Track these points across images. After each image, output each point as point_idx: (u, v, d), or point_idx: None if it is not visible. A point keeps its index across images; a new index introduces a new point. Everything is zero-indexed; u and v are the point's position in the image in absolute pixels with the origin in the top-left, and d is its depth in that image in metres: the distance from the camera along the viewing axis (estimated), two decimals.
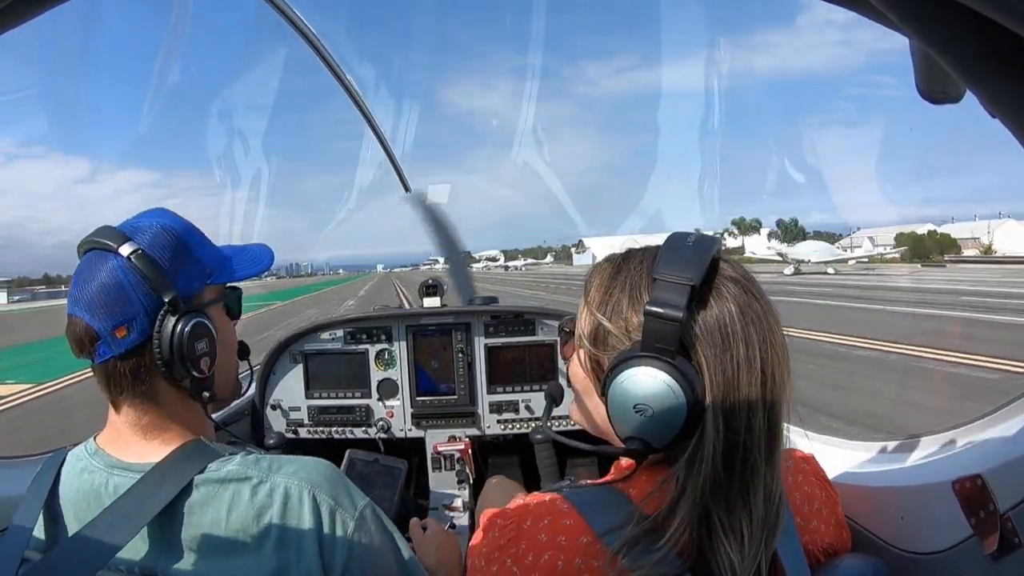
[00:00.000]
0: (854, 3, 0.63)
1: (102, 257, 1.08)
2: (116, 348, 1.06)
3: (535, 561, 0.95)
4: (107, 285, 1.06)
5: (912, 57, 0.75)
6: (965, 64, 0.59)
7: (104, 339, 1.05)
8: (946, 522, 1.09)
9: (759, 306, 0.92)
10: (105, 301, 1.05)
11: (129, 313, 1.06)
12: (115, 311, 1.05)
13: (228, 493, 1.03)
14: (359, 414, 2.66)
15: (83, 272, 1.08)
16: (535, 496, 1.05)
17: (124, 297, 1.06)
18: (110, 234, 1.09)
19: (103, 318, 1.05)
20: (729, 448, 0.88)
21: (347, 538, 1.05)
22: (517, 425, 2.63)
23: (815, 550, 1.05)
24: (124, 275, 1.07)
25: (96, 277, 1.06)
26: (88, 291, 1.06)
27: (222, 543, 1.01)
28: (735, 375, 0.89)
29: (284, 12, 2.57)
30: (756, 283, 0.95)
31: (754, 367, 0.89)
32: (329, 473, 1.11)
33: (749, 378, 0.89)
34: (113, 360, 1.06)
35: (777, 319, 0.94)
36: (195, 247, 1.18)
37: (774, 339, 0.91)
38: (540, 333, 2.63)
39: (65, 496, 1.09)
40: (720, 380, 0.89)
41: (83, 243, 1.11)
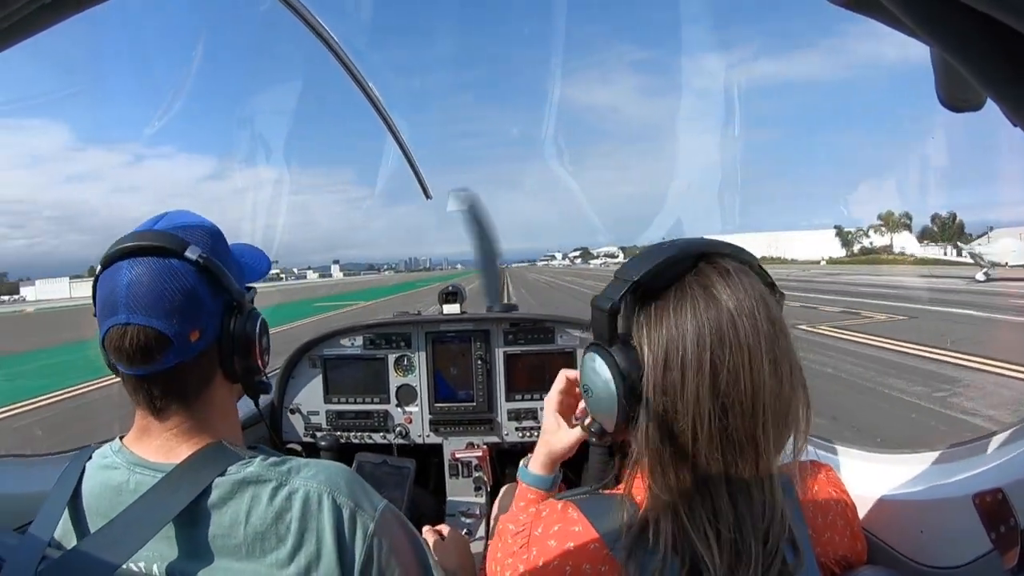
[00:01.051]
0: (875, 11, 0.63)
1: (161, 261, 1.05)
2: (189, 352, 1.05)
3: (545, 568, 0.97)
4: (177, 288, 1.04)
5: (932, 65, 0.75)
6: (985, 72, 0.59)
7: (176, 345, 1.03)
8: (966, 536, 1.08)
9: (725, 309, 0.91)
10: (177, 306, 1.04)
11: (202, 316, 1.07)
12: (189, 315, 1.05)
13: (247, 496, 1.03)
14: (377, 419, 2.68)
15: (139, 277, 1.04)
16: (547, 503, 1.07)
17: (196, 299, 1.06)
18: (167, 238, 1.07)
19: (176, 323, 1.03)
20: (673, 439, 0.92)
21: (367, 541, 1.05)
22: (536, 433, 2.61)
23: (828, 561, 1.04)
24: (193, 277, 1.06)
25: (160, 281, 1.04)
26: (151, 296, 1.03)
27: (241, 545, 1.01)
28: (680, 373, 0.91)
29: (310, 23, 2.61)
30: (737, 287, 0.93)
31: (703, 369, 0.90)
32: (348, 477, 1.11)
33: (697, 379, 0.90)
34: (181, 366, 1.06)
35: (759, 327, 0.91)
36: (229, 250, 1.20)
37: (735, 344, 0.90)
38: (560, 341, 2.63)
39: (88, 493, 1.09)
40: (660, 374, 0.92)
41: (123, 249, 1.06)
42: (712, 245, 0.99)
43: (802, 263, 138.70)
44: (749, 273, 0.96)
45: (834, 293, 29.51)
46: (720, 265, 0.95)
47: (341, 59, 2.77)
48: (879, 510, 1.28)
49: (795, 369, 0.93)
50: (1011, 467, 1.06)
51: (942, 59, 0.72)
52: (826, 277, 50.74)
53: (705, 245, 0.98)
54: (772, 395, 0.90)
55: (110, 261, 1.06)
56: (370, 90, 2.91)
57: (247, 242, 1.33)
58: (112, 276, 1.05)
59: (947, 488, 1.16)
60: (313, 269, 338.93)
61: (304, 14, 2.51)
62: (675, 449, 0.92)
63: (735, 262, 0.97)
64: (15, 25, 0.67)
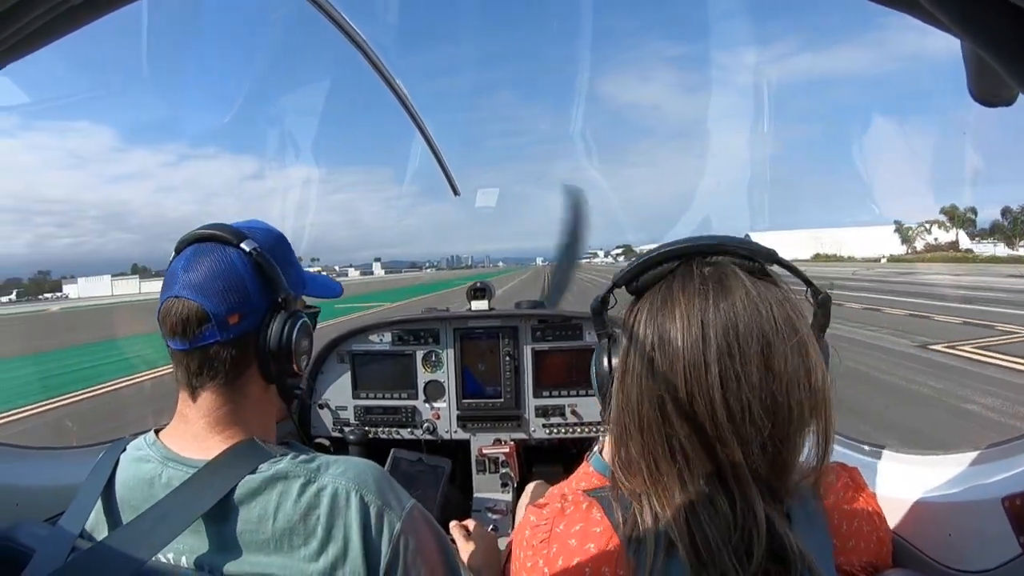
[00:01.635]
0: (908, 5, 0.63)
1: (220, 248, 1.14)
2: (225, 333, 1.11)
3: (564, 565, 0.97)
4: (226, 272, 1.12)
5: (964, 59, 0.74)
6: (1018, 67, 0.58)
7: (214, 322, 1.09)
8: (995, 540, 1.06)
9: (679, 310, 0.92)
10: (223, 287, 1.11)
11: (244, 302, 1.13)
12: (231, 298, 1.11)
13: (276, 492, 1.05)
14: (405, 415, 2.70)
15: (196, 259, 1.13)
16: (574, 500, 1.06)
17: (242, 287, 1.13)
18: (227, 229, 1.16)
19: (218, 302, 1.10)
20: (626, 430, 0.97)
21: (393, 539, 1.06)
22: (564, 430, 2.62)
23: (853, 569, 1.03)
24: (244, 267, 1.14)
25: (214, 264, 1.12)
26: (203, 276, 1.11)
27: (269, 541, 1.03)
28: (633, 366, 0.95)
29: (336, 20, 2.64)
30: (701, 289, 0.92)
31: (644, 363, 0.93)
32: (377, 475, 1.12)
33: (643, 371, 0.93)
34: (217, 345, 1.11)
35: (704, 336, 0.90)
36: (292, 259, 1.27)
37: (673, 346, 0.91)
38: (588, 338, 2.63)
39: (121, 485, 1.12)
40: (620, 368, 0.98)
41: (192, 236, 1.16)
42: (707, 244, 0.98)
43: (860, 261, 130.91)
44: (738, 278, 0.94)
45: (931, 298, 25.24)
46: (699, 268, 0.95)
47: (370, 58, 2.80)
48: (907, 512, 1.26)
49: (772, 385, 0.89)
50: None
51: (974, 53, 0.72)
52: (899, 277, 46.52)
53: (697, 244, 0.98)
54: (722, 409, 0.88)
55: (183, 246, 1.16)
56: (398, 88, 2.93)
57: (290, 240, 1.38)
58: (180, 257, 1.14)
59: (978, 490, 1.14)
60: (355, 267, 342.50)
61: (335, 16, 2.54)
62: (626, 448, 0.97)
63: (736, 263, 0.96)
64: (46, 26, 0.69)
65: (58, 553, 1.03)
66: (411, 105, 3.06)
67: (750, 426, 0.88)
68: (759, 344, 0.89)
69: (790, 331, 0.90)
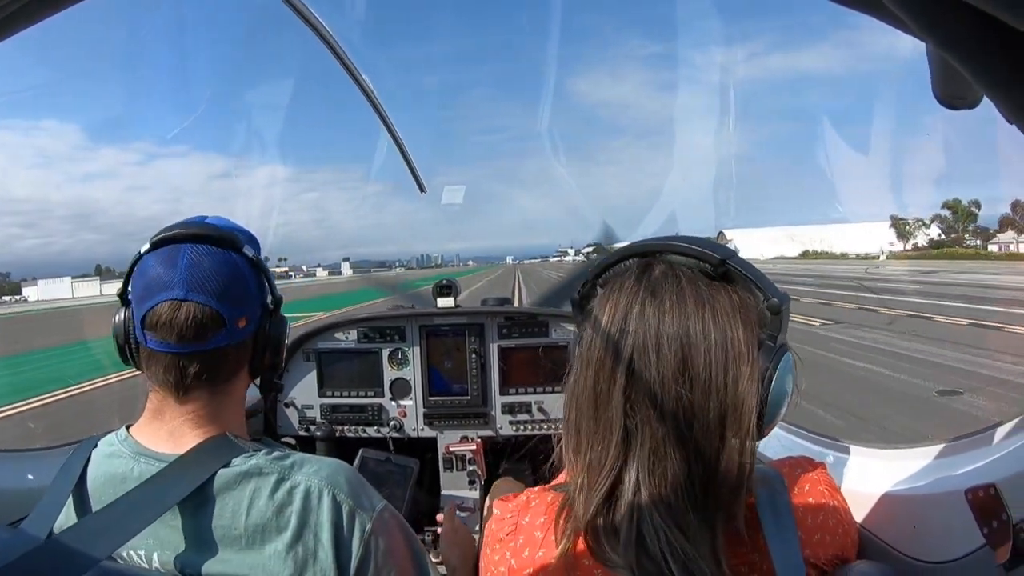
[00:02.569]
0: (871, 7, 0.63)
1: (223, 252, 1.14)
2: (234, 337, 1.12)
3: (531, 556, 1.00)
4: (235, 277, 1.13)
5: (929, 62, 0.75)
6: (981, 70, 0.59)
7: (228, 327, 1.10)
8: (959, 531, 1.08)
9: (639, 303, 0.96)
10: (233, 292, 1.12)
11: (250, 306, 1.15)
12: (240, 302, 1.13)
13: (249, 488, 1.05)
14: (371, 413, 2.68)
15: (200, 260, 1.10)
16: (539, 492, 1.09)
17: (250, 292, 1.16)
18: (227, 233, 1.16)
19: (231, 307, 1.11)
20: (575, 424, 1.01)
21: (364, 539, 1.07)
22: (530, 427, 2.63)
23: (819, 562, 1.05)
24: (247, 271, 1.16)
25: (221, 268, 1.12)
26: (212, 280, 1.10)
27: (240, 537, 1.03)
28: (579, 356, 1.01)
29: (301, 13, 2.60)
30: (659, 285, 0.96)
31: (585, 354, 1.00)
32: (349, 475, 1.13)
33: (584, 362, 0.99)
34: (224, 348, 1.12)
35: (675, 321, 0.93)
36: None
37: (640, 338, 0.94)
38: (554, 335, 2.63)
39: (93, 481, 1.11)
40: (580, 360, 1.01)
41: (183, 235, 1.13)
42: (662, 246, 1.01)
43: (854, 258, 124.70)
44: (672, 279, 0.97)
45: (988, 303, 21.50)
46: (649, 268, 1.00)
47: (337, 54, 2.76)
48: (872, 505, 1.29)
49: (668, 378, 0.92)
50: (1004, 462, 1.07)
51: (938, 56, 0.72)
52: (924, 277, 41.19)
53: (650, 246, 1.02)
54: (620, 395, 0.94)
55: (167, 243, 1.13)
56: (364, 83, 2.89)
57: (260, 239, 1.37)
58: (169, 256, 1.10)
59: (942, 483, 1.17)
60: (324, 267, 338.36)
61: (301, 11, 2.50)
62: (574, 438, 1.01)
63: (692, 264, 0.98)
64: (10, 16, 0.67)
65: (31, 545, 1.00)
66: (377, 101, 3.03)
67: (659, 423, 0.92)
68: (678, 345, 0.92)
69: (719, 336, 0.92)
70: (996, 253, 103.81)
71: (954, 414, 8.12)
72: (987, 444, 1.17)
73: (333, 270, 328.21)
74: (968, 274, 44.81)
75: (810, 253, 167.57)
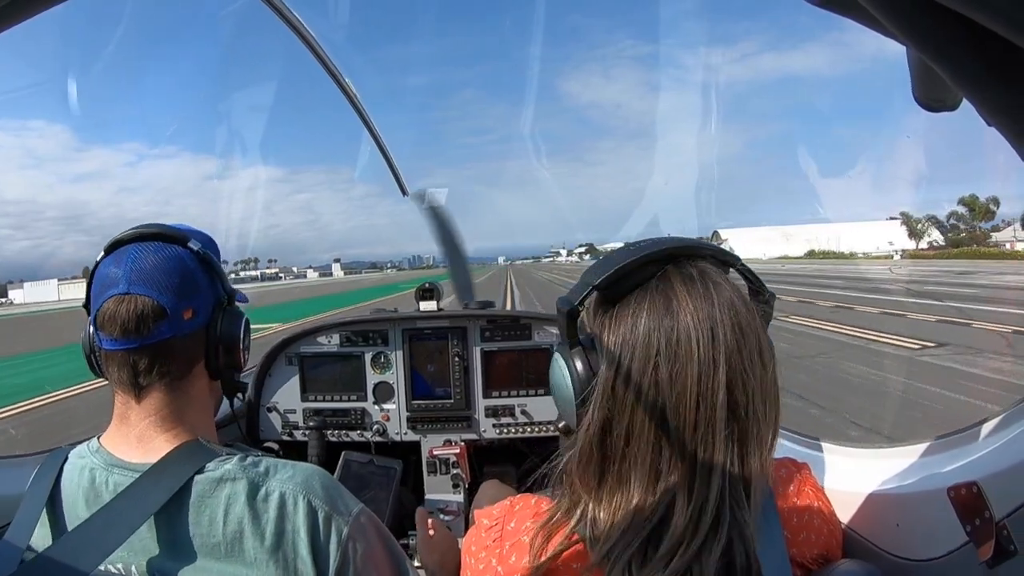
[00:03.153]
0: (851, 10, 0.63)
1: (168, 246, 1.14)
2: (180, 328, 1.10)
3: (517, 562, 0.98)
4: (178, 268, 1.12)
5: (909, 65, 0.76)
6: (960, 72, 0.59)
7: (171, 318, 1.09)
8: (942, 529, 1.09)
9: (681, 317, 0.90)
10: (178, 283, 1.11)
11: (197, 298, 1.14)
12: (185, 293, 1.11)
13: (224, 495, 1.04)
14: (354, 417, 2.66)
15: (143, 257, 1.11)
16: (522, 498, 1.08)
17: (195, 283, 1.14)
18: (171, 229, 1.16)
19: (173, 297, 1.09)
20: (605, 444, 0.93)
21: (342, 544, 1.06)
22: (514, 430, 2.63)
23: (805, 560, 1.05)
24: (194, 264, 1.14)
25: (163, 261, 1.11)
26: (154, 272, 1.09)
27: (217, 545, 1.02)
28: (625, 376, 0.91)
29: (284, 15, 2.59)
30: (693, 292, 0.92)
31: (646, 373, 0.90)
32: (324, 480, 1.12)
33: (640, 382, 0.90)
34: (171, 340, 1.10)
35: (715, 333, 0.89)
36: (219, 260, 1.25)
37: (686, 349, 0.89)
38: (537, 338, 2.63)
39: (66, 493, 1.09)
40: (610, 376, 0.92)
41: (130, 236, 1.14)
42: (687, 246, 0.97)
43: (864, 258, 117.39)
44: (721, 277, 0.94)
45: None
46: (687, 270, 0.94)
47: (319, 56, 2.75)
48: (856, 504, 1.29)
49: (764, 380, 0.91)
50: (986, 460, 1.07)
51: (918, 59, 0.73)
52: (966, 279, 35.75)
53: (678, 246, 0.97)
54: (724, 410, 0.88)
55: (115, 247, 1.14)
56: (347, 86, 2.89)
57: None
58: (116, 257, 1.12)
59: (925, 481, 1.18)
60: (314, 268, 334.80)
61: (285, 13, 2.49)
62: (604, 455, 0.93)
63: (711, 264, 0.96)
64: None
65: (9, 563, 1.00)
66: (359, 103, 3.02)
67: (721, 440, 0.88)
68: (755, 340, 0.91)
69: (755, 335, 0.92)
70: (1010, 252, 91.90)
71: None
72: (970, 442, 1.18)
73: (324, 271, 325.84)
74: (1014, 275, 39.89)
75: (816, 252, 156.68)
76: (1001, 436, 1.10)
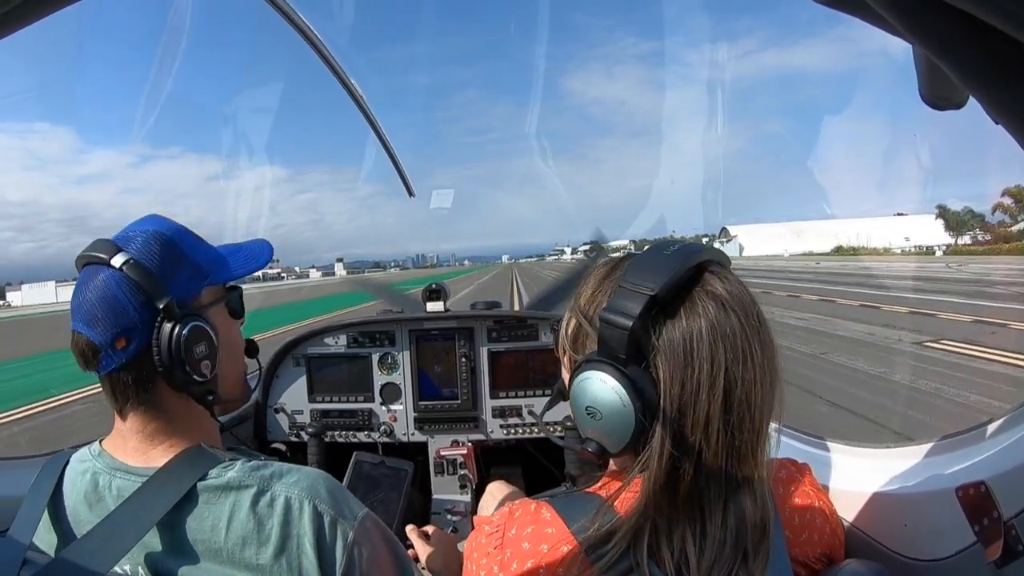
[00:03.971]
0: (858, 9, 0.63)
1: (95, 270, 1.09)
2: (117, 359, 1.07)
3: (519, 568, 0.97)
4: (102, 298, 1.07)
5: (915, 63, 0.76)
6: (966, 70, 0.59)
7: (105, 351, 1.06)
8: (950, 529, 1.09)
9: (737, 323, 0.89)
10: (102, 314, 1.07)
11: (127, 323, 1.07)
12: (112, 322, 1.06)
13: (229, 501, 1.04)
14: (362, 418, 2.67)
15: (80, 287, 1.10)
16: (522, 503, 1.06)
17: (120, 308, 1.07)
18: (102, 247, 1.10)
19: (102, 331, 1.06)
20: (674, 465, 0.89)
21: (347, 549, 1.06)
22: (521, 430, 2.63)
23: (808, 560, 1.05)
24: (117, 286, 1.07)
25: (91, 291, 1.08)
26: (85, 305, 1.07)
27: (222, 550, 1.02)
28: (694, 393, 0.88)
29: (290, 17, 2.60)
30: (742, 299, 0.92)
31: (716, 387, 0.87)
32: (329, 484, 1.11)
33: (709, 397, 0.87)
34: (116, 371, 1.08)
35: (764, 339, 0.91)
36: (188, 249, 1.18)
37: (749, 360, 0.88)
38: (543, 338, 2.64)
39: (68, 497, 1.10)
40: (676, 394, 0.88)
41: (79, 258, 1.12)
42: (706, 251, 0.97)
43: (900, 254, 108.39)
44: (738, 278, 0.96)
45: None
46: (720, 273, 0.94)
47: (325, 57, 2.76)
48: (863, 504, 1.29)
49: (779, 370, 0.93)
50: (994, 460, 1.07)
51: (925, 57, 0.73)
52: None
53: (701, 251, 0.96)
54: (768, 405, 0.91)
55: (79, 267, 1.12)
56: (353, 88, 2.90)
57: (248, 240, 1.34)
58: (76, 283, 1.12)
59: (932, 481, 1.17)
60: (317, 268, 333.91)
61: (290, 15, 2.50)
62: (676, 469, 0.89)
63: (725, 268, 0.97)
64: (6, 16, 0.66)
65: (11, 566, 1.00)
66: (366, 106, 3.03)
67: (766, 433, 0.91)
68: (766, 346, 0.91)
69: (768, 327, 0.94)
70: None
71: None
72: (977, 442, 1.17)
73: (327, 271, 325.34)
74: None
75: (844, 249, 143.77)
76: (1008, 436, 1.09)
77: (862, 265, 57.98)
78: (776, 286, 31.28)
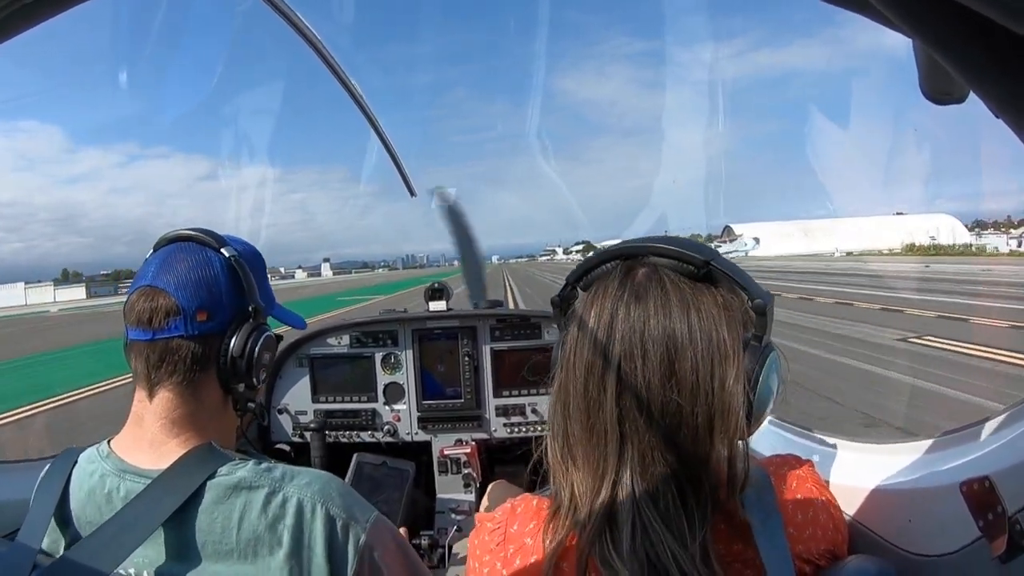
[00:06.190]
0: (857, 4, 0.63)
1: (198, 248, 1.16)
2: (191, 328, 1.10)
3: (523, 564, 0.98)
4: (203, 272, 1.13)
5: (915, 58, 0.75)
6: (967, 65, 0.59)
7: (183, 316, 1.09)
8: (954, 524, 1.08)
9: (637, 312, 0.94)
10: (196, 283, 1.11)
11: (216, 303, 1.13)
12: (203, 296, 1.12)
13: (240, 501, 1.04)
14: (365, 418, 2.68)
15: (175, 255, 1.14)
16: (524, 499, 1.08)
17: (216, 288, 1.14)
18: (210, 235, 1.18)
19: (188, 296, 1.10)
20: (564, 429, 1.00)
21: (359, 551, 1.06)
22: (524, 429, 2.64)
23: (812, 556, 1.05)
24: (221, 269, 1.15)
25: (190, 261, 1.13)
26: (180, 271, 1.11)
27: (232, 551, 1.02)
28: (576, 361, 0.98)
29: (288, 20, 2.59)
30: (652, 293, 0.95)
31: (595, 367, 0.95)
32: (340, 487, 1.12)
33: (574, 371, 0.98)
34: (180, 339, 1.10)
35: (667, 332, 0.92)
36: (265, 276, 1.27)
37: (642, 349, 0.92)
38: (547, 336, 2.64)
39: (76, 500, 1.10)
40: (565, 365, 1.00)
41: (173, 236, 1.18)
42: (641, 247, 1.01)
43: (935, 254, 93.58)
44: (657, 282, 0.96)
45: None
46: (633, 270, 0.99)
47: (324, 56, 2.75)
48: (867, 499, 1.29)
49: (702, 384, 0.92)
50: (999, 454, 1.07)
51: (925, 52, 0.73)
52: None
53: (630, 248, 1.01)
54: (610, 400, 0.93)
55: (162, 244, 1.18)
56: (353, 87, 2.89)
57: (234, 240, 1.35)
58: (154, 254, 1.16)
59: (936, 476, 1.17)
60: (303, 268, 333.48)
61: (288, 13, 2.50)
62: (562, 442, 1.00)
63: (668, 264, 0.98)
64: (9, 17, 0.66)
65: (21, 570, 1.00)
66: (366, 105, 3.02)
67: (647, 428, 0.92)
68: (664, 349, 0.91)
69: (705, 338, 0.92)
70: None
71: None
72: (980, 437, 1.17)
73: (312, 272, 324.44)
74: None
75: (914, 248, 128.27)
76: (1012, 430, 1.09)
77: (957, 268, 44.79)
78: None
